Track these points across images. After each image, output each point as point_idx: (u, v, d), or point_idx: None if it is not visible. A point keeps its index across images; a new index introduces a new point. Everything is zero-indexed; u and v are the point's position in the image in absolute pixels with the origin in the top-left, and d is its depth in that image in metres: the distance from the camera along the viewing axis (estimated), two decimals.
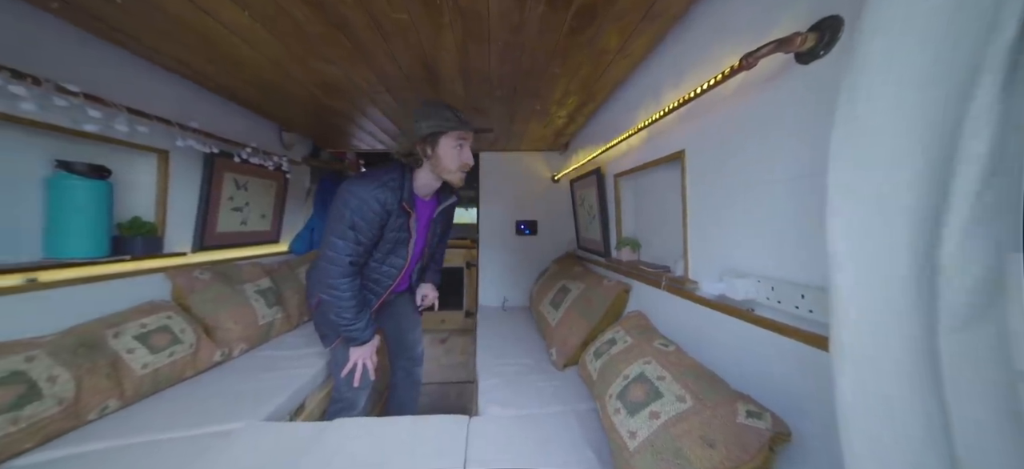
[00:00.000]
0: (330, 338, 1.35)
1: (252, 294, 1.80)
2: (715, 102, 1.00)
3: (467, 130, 1.10)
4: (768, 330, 0.77)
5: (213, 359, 1.47)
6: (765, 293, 0.77)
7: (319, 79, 1.40)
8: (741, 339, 0.86)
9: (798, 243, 0.74)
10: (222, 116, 1.82)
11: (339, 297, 1.13)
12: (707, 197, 1.06)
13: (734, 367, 0.85)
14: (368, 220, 1.07)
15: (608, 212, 1.92)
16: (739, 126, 0.92)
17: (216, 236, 1.92)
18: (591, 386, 1.18)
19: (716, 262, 1.02)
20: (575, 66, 1.29)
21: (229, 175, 1.94)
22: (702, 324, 1.03)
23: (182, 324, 1.39)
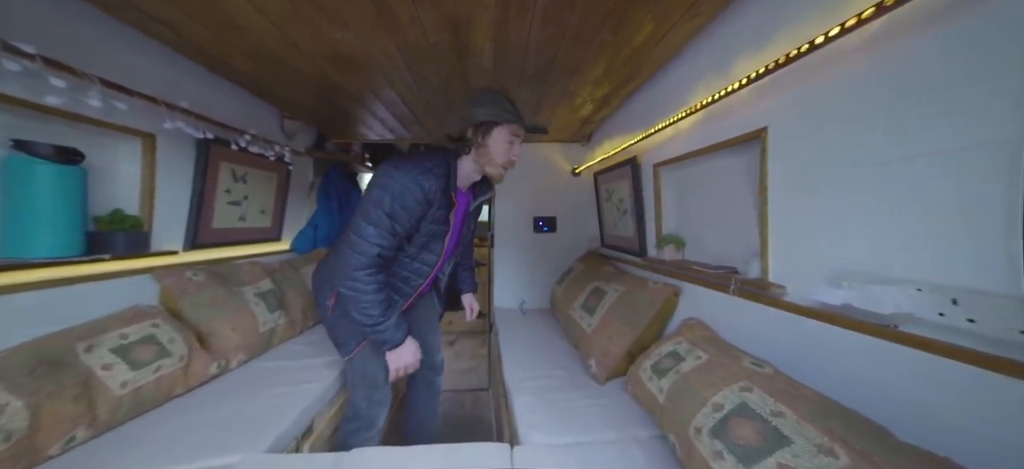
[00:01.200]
0: (349, 346, 1.17)
1: (252, 297, 1.61)
2: (814, 67, 0.81)
3: (523, 126, 1.04)
4: (932, 354, 0.58)
5: (208, 372, 1.29)
6: (937, 306, 0.58)
7: (331, 50, 1.21)
8: (874, 362, 0.68)
9: (960, 235, 0.56)
10: (216, 97, 1.62)
11: (361, 292, 0.99)
12: (799, 183, 0.88)
13: (872, 404, 0.66)
14: (409, 208, 0.98)
15: (644, 206, 1.73)
16: (853, 93, 0.73)
17: (211, 233, 1.73)
18: (654, 410, 1.00)
19: (816, 262, 0.83)
20: (632, 30, 1.10)
21: (226, 165, 1.75)
22: (801, 340, 0.85)
23: (171, 333, 1.20)
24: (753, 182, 1.12)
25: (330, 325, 1.21)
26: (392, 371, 1.10)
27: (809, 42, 0.78)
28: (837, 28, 0.72)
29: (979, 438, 0.54)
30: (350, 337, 1.17)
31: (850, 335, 0.72)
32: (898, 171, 0.65)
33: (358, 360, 1.19)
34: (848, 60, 0.74)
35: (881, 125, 0.69)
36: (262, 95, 1.80)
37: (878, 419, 0.63)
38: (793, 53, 0.82)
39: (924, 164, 0.61)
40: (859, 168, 0.72)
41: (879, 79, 0.68)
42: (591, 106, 1.85)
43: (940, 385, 0.58)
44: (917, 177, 0.62)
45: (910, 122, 0.63)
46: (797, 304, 0.85)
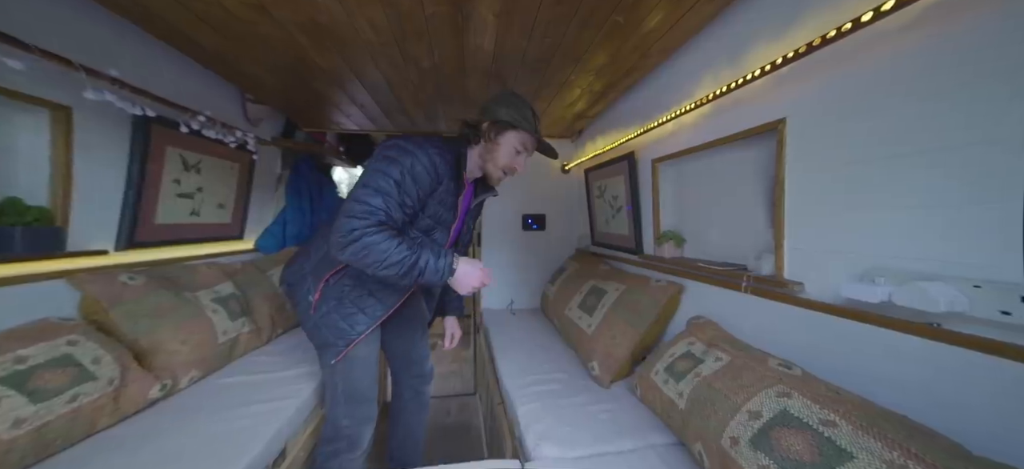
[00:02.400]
0: (336, 347, 1.02)
1: (208, 303, 1.39)
2: (843, 54, 0.78)
3: (535, 140, 1.02)
4: (991, 355, 0.55)
5: (148, 396, 1.07)
6: (999, 304, 0.55)
7: (308, 17, 1.03)
8: (914, 365, 0.65)
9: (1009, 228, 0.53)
10: (162, 69, 1.37)
11: (374, 244, 0.82)
12: (822, 177, 0.85)
13: (913, 409, 0.63)
14: (419, 179, 0.90)
15: (641, 203, 1.70)
16: (883, 81, 0.71)
17: (154, 229, 1.47)
18: (671, 416, 0.94)
19: (840, 257, 0.81)
20: (645, 13, 1.03)
21: (174, 150, 1.49)
22: (824, 339, 0.82)
23: (95, 351, 0.98)
24: (763, 176, 1.10)
25: (313, 325, 1.04)
26: (467, 291, 0.93)
27: (837, 28, 0.75)
28: (870, 13, 0.69)
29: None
30: (337, 337, 1.02)
31: (886, 333, 0.69)
32: (943, 160, 0.63)
33: (341, 369, 1.04)
34: (883, 45, 0.71)
35: (923, 112, 0.66)
36: (221, 71, 1.54)
37: (915, 419, 0.60)
38: (818, 40, 0.79)
39: (978, 152, 0.58)
40: (894, 159, 0.70)
41: (925, 62, 0.65)
42: (587, 100, 1.78)
43: (999, 388, 0.56)
44: (968, 166, 0.59)
45: (960, 108, 0.61)
46: (822, 302, 0.83)
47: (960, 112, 0.61)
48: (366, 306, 1.03)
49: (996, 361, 0.55)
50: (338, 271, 1.01)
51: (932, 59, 0.64)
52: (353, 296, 1.02)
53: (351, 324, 1.02)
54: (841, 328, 0.78)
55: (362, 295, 1.02)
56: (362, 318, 1.03)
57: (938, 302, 0.58)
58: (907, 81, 0.68)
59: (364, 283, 1.03)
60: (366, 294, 1.03)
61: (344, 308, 1.01)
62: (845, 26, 0.73)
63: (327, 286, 1.01)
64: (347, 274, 1.02)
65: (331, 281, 1.02)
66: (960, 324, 0.60)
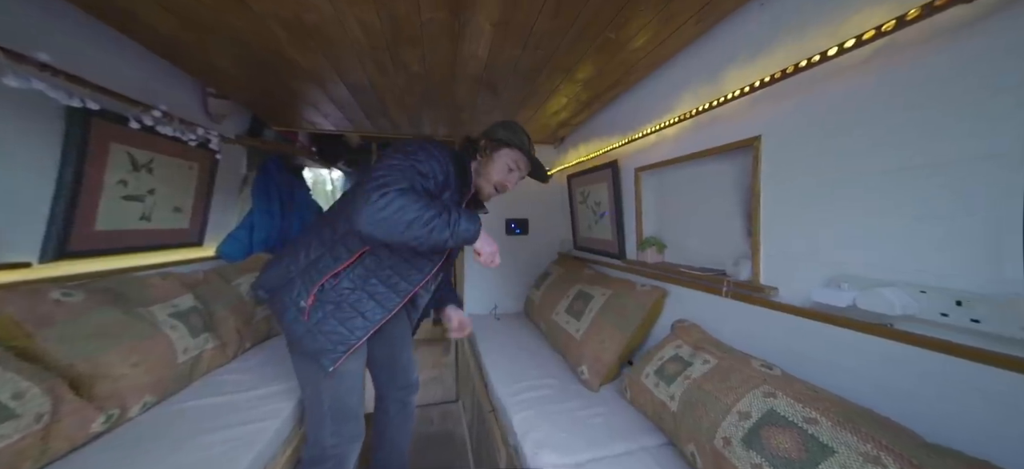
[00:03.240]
0: (334, 355, 0.95)
1: (165, 319, 1.25)
2: (813, 81, 0.87)
3: (527, 161, 1.08)
4: (934, 351, 0.64)
5: (89, 430, 0.93)
6: (940, 307, 0.63)
7: (294, 15, 0.96)
8: (874, 362, 0.73)
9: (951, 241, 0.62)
10: (108, 56, 1.21)
11: (410, 203, 0.82)
12: (793, 190, 0.93)
13: (873, 402, 0.71)
14: (434, 175, 0.93)
15: (624, 209, 1.76)
16: (850, 106, 0.79)
17: (93, 237, 1.29)
18: (663, 418, 0.98)
19: (811, 264, 0.89)
20: (635, 31, 1.08)
21: (120, 148, 1.33)
22: (797, 340, 0.90)
23: (17, 383, 0.83)
24: (740, 187, 1.19)
25: (305, 332, 0.95)
26: (488, 257, 0.96)
27: (808, 59, 0.83)
28: (835, 49, 0.77)
29: (981, 429, 0.59)
30: (336, 343, 0.95)
31: (847, 334, 0.77)
32: (897, 180, 0.71)
33: (328, 384, 0.98)
34: (849, 74, 0.80)
35: (880, 136, 0.74)
36: (180, 62, 1.39)
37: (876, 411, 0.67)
38: (791, 68, 0.86)
39: (926, 174, 0.67)
40: (857, 176, 0.78)
41: (880, 92, 0.74)
42: (571, 109, 1.82)
43: (940, 380, 0.64)
44: (919, 185, 0.68)
45: (910, 133, 0.69)
46: (795, 305, 0.90)
47: (911, 138, 0.69)
48: (366, 310, 0.98)
49: (937, 356, 0.64)
50: (336, 274, 0.96)
51: (885, 91, 0.73)
52: (352, 299, 0.97)
53: (350, 329, 0.96)
54: (813, 330, 0.86)
55: (362, 298, 0.97)
56: (361, 322, 0.97)
57: (894, 305, 0.65)
58: (867, 108, 0.76)
59: (365, 284, 0.98)
60: (366, 297, 0.98)
61: (342, 312, 0.96)
62: (814, 58, 0.81)
63: (322, 290, 0.95)
64: (346, 277, 0.96)
65: (328, 285, 0.95)
66: (911, 325, 0.69)
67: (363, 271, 0.97)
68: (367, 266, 0.97)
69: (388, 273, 0.99)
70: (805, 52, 0.84)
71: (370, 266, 0.97)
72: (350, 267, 0.96)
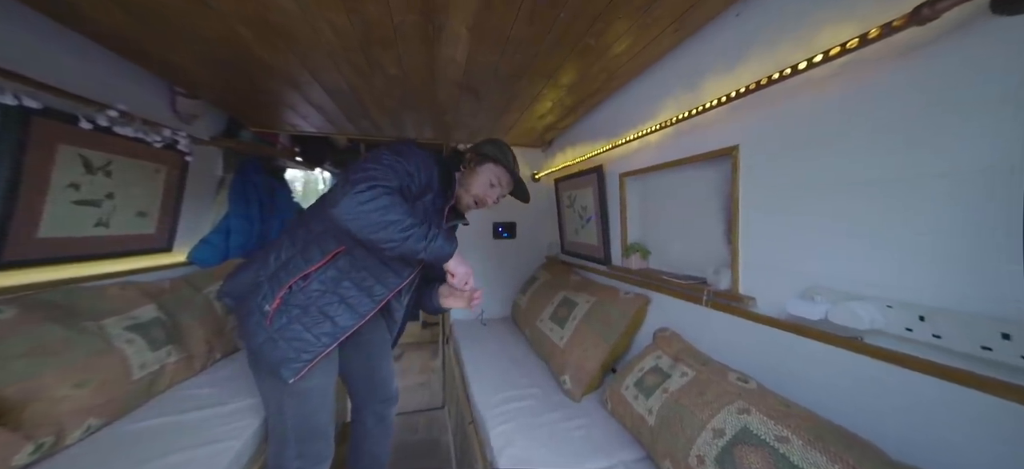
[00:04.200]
0: (296, 364, 0.89)
1: (120, 333, 1.17)
2: (786, 92, 0.86)
3: (510, 179, 1.11)
4: (898, 366, 0.63)
5: (10, 463, 0.85)
6: (904, 322, 0.62)
7: (258, 14, 0.92)
8: (845, 376, 0.73)
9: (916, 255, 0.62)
10: (59, 53, 1.15)
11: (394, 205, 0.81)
12: (770, 200, 0.93)
13: (842, 414, 0.71)
14: (416, 177, 0.93)
15: (609, 215, 1.75)
16: (822, 119, 0.79)
17: (35, 245, 1.20)
18: (641, 432, 0.97)
19: (786, 275, 0.88)
20: (613, 38, 1.06)
21: (69, 149, 1.24)
22: (774, 352, 0.89)
23: None
24: (721, 195, 1.18)
25: (265, 339, 0.89)
26: (462, 278, 0.94)
27: (780, 71, 0.82)
28: (805, 62, 0.76)
29: (942, 444, 0.59)
30: (299, 351, 0.89)
31: (820, 347, 0.77)
32: (866, 194, 0.71)
33: (290, 403, 0.93)
34: (819, 87, 0.79)
35: (849, 150, 0.74)
36: (142, 61, 1.33)
37: (846, 427, 0.67)
38: (765, 80, 0.86)
39: (892, 188, 0.67)
40: (829, 189, 0.78)
41: (848, 107, 0.74)
42: (557, 113, 1.81)
43: (905, 395, 0.63)
44: (884, 200, 0.68)
45: (877, 148, 0.69)
46: (772, 317, 0.90)
47: (878, 153, 0.69)
48: (335, 314, 0.91)
49: (902, 371, 0.64)
50: (306, 275, 0.90)
51: (852, 105, 0.73)
52: (321, 303, 0.90)
53: (316, 335, 0.90)
54: (788, 342, 0.85)
55: (331, 302, 0.91)
56: (329, 328, 0.91)
57: (862, 319, 0.65)
58: (837, 122, 0.76)
59: (336, 287, 0.92)
60: (337, 301, 0.92)
61: (309, 316, 0.90)
62: (785, 71, 0.80)
63: (289, 293, 0.89)
64: (316, 278, 0.91)
65: (296, 287, 0.90)
66: (878, 339, 0.68)
67: (335, 273, 0.92)
68: (340, 268, 0.92)
69: (363, 274, 0.94)
70: (778, 64, 0.84)
71: (343, 268, 0.93)
72: (322, 269, 0.91)
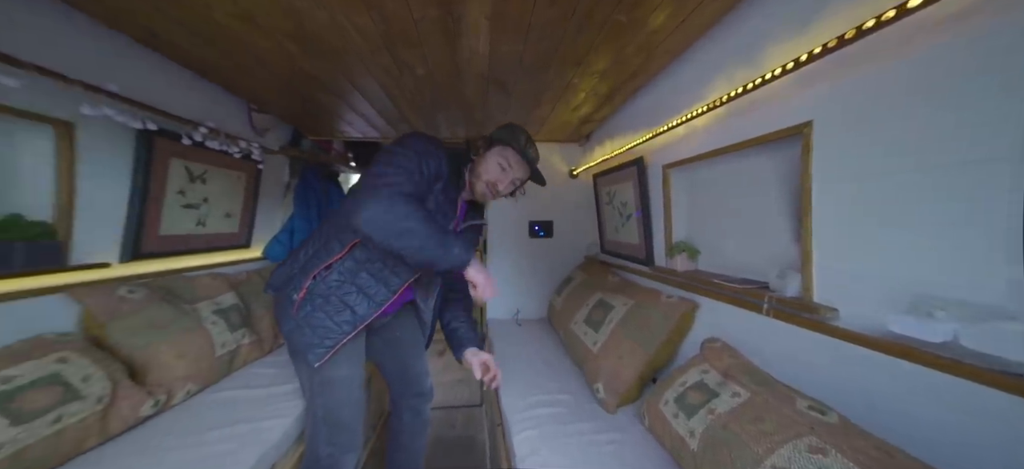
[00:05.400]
0: (320, 350, 0.94)
1: (208, 315, 1.39)
2: (881, 47, 0.67)
3: (522, 161, 1.04)
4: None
5: (139, 414, 1.05)
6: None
7: (295, 24, 1.01)
8: (997, 424, 0.53)
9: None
10: (164, 83, 1.38)
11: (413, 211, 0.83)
12: (857, 188, 0.74)
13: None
14: (428, 166, 0.93)
15: (652, 211, 1.59)
16: (940, 72, 0.60)
17: (159, 240, 1.48)
18: (682, 456, 0.84)
19: (880, 281, 0.69)
20: (648, 11, 0.95)
21: (178, 162, 1.51)
22: (870, 381, 0.70)
23: (86, 368, 0.97)
24: (785, 184, 0.99)
25: (294, 327, 0.96)
26: (483, 287, 0.89)
27: (875, 18, 0.64)
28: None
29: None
30: (322, 337, 0.94)
31: (946, 380, 0.57)
32: (997, 172, 0.52)
33: (321, 392, 0.98)
34: (931, 34, 0.60)
35: (971, 115, 0.55)
36: (224, 84, 1.56)
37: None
38: (851, 33, 0.68)
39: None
40: (954, 168, 0.58)
41: (982, 54, 0.54)
42: (593, 103, 1.70)
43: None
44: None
45: (1011, 109, 0.50)
46: (862, 333, 0.71)
47: (1013, 115, 0.50)
48: (355, 303, 0.96)
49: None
50: (327, 266, 0.96)
51: (991, 48, 0.53)
52: (341, 292, 0.96)
53: (337, 322, 0.95)
54: (889, 368, 0.66)
55: (350, 292, 0.96)
56: (349, 315, 0.96)
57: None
58: (962, 76, 0.57)
59: (354, 278, 0.97)
60: (355, 291, 0.97)
61: (330, 305, 0.95)
62: (887, 13, 0.62)
63: (313, 283, 0.95)
64: (336, 269, 0.96)
65: (319, 277, 0.96)
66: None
67: (353, 264, 0.96)
68: (357, 259, 0.97)
69: (378, 266, 0.97)
70: (871, 10, 0.66)
71: (360, 259, 0.97)
72: (340, 260, 0.96)
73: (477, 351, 1.14)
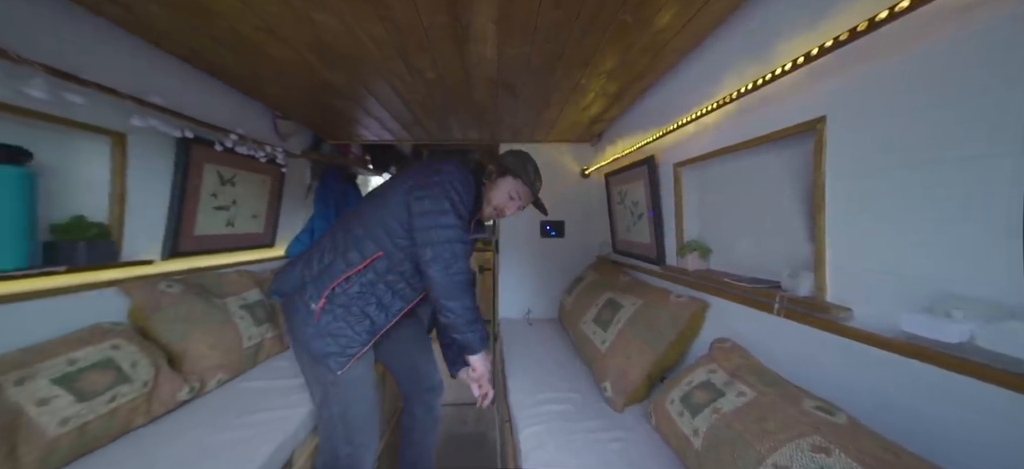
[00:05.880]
0: (342, 357, 1.00)
1: (236, 310, 1.48)
2: (896, 38, 0.65)
3: (530, 193, 1.18)
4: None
5: (177, 398, 1.15)
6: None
7: (313, 36, 1.07)
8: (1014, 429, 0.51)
9: None
10: (197, 93, 1.50)
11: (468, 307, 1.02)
12: (872, 184, 0.72)
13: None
14: (466, 202, 1.04)
15: (663, 210, 1.57)
16: (952, 66, 0.58)
17: (194, 240, 1.60)
18: (686, 455, 0.84)
19: (896, 280, 0.67)
20: (654, 11, 0.95)
21: (210, 167, 1.62)
22: (883, 382, 0.68)
23: (135, 355, 1.07)
24: (798, 181, 0.96)
25: (314, 334, 0.99)
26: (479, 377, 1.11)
27: (889, 8, 0.62)
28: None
29: None
30: (345, 346, 1.00)
31: (962, 382, 0.55)
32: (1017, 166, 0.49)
33: (336, 394, 1.03)
34: (952, 25, 0.58)
35: (987, 106, 0.53)
36: (251, 93, 1.67)
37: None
38: (864, 25, 0.66)
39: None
40: (969, 164, 0.56)
41: (989, 44, 0.52)
42: (602, 103, 1.70)
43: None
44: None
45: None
46: (876, 334, 0.69)
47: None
48: (373, 313, 1.03)
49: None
50: (348, 277, 1.00)
51: (995, 43, 0.51)
52: (361, 302, 1.01)
53: (358, 331, 1.00)
54: (903, 369, 0.64)
55: (370, 302, 1.02)
56: (368, 325, 1.02)
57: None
58: (984, 63, 0.54)
59: (373, 289, 1.03)
60: (374, 302, 1.03)
61: (351, 315, 1.00)
62: (901, 3, 0.60)
63: (333, 293, 0.99)
64: (357, 281, 1.01)
65: (338, 288, 1.00)
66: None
67: (373, 276, 1.02)
68: (377, 271, 1.01)
69: (395, 278, 1.03)
70: (884, 2, 0.64)
71: (380, 271, 1.01)
72: (361, 272, 1.01)
73: (470, 370, 1.17)
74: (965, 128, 0.57)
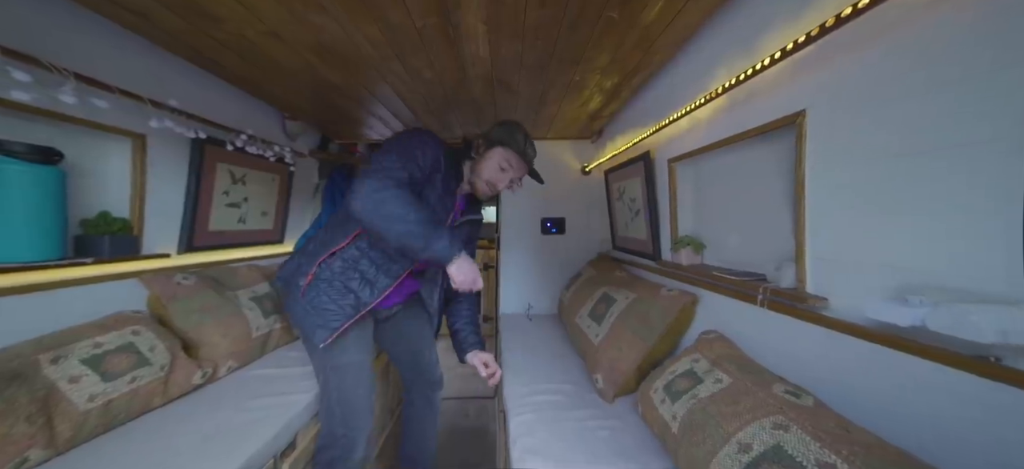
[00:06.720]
0: (325, 331, 1.02)
1: (246, 302, 1.56)
2: (873, 30, 0.66)
3: (522, 161, 1.10)
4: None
5: (191, 382, 1.23)
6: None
7: (313, 38, 1.13)
8: (961, 406, 0.53)
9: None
10: (210, 95, 1.58)
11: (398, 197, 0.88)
12: (849, 176, 0.73)
13: (953, 458, 0.52)
14: (425, 157, 0.99)
15: (659, 206, 1.59)
16: (923, 60, 0.59)
17: (208, 235, 1.69)
18: (665, 437, 0.87)
19: (869, 271, 0.68)
20: (641, 7, 0.97)
21: (223, 166, 1.71)
22: (850, 366, 0.70)
23: (152, 341, 1.15)
24: (785, 176, 0.97)
25: (301, 311, 1.04)
26: (462, 284, 0.93)
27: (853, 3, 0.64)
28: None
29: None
30: (328, 320, 1.01)
31: (924, 365, 0.57)
32: (996, 157, 0.51)
33: (333, 377, 1.08)
34: (922, 16, 0.59)
35: (961, 99, 0.54)
36: (260, 95, 1.76)
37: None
38: (847, 11, 0.67)
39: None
40: (939, 152, 0.57)
41: (973, 35, 0.53)
42: (600, 99, 1.72)
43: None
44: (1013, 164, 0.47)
45: (997, 92, 0.49)
46: (846, 321, 0.70)
47: (998, 100, 0.48)
48: (358, 288, 1.03)
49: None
50: (332, 253, 1.04)
51: (974, 37, 0.52)
52: (344, 278, 1.03)
53: (341, 306, 1.01)
54: (869, 354, 0.66)
55: (354, 278, 1.03)
56: (352, 300, 1.02)
57: (983, 330, 0.46)
58: (954, 59, 0.55)
59: (356, 265, 1.04)
60: (358, 277, 1.04)
61: (334, 290, 1.02)
62: (861, 2, 0.62)
63: (319, 269, 1.03)
64: (340, 257, 1.04)
65: (324, 265, 1.03)
66: (1018, 359, 0.48)
67: (355, 252, 1.05)
68: (359, 248, 1.05)
69: (378, 253, 1.05)
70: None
71: (362, 248, 1.05)
72: (344, 248, 1.05)
73: (478, 352, 1.21)
74: (937, 120, 0.58)
